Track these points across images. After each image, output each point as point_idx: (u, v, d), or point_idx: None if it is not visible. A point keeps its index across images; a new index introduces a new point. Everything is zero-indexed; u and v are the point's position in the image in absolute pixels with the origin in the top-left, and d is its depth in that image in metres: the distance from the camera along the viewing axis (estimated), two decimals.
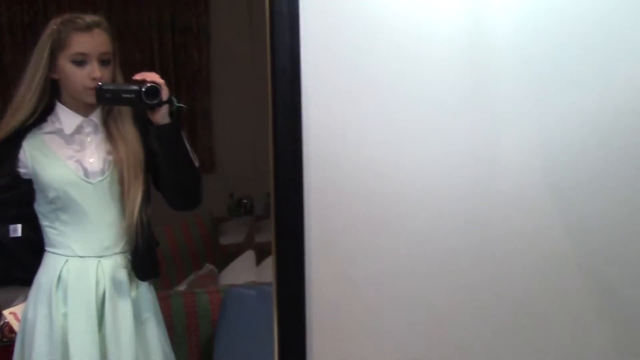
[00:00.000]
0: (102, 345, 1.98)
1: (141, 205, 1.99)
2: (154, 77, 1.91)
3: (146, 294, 2.07)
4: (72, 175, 1.97)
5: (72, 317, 1.97)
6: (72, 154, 1.99)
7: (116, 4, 4.94)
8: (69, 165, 1.98)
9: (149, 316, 2.07)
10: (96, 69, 1.93)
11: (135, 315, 2.02)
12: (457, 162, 1.52)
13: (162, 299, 2.24)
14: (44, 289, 2.00)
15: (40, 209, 2.02)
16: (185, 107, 2.00)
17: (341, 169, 1.50)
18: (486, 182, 1.54)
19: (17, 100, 1.97)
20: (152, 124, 1.95)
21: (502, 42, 1.50)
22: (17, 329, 2.09)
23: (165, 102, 1.91)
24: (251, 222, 4.75)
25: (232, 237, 4.58)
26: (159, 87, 1.89)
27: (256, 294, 2.71)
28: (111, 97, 1.91)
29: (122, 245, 2.03)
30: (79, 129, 2.01)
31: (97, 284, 1.99)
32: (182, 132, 2.00)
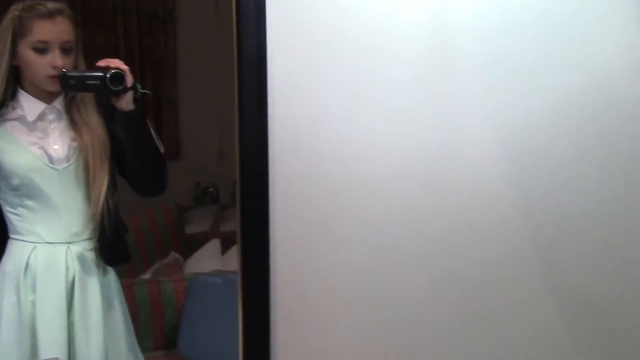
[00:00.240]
0: (70, 331, 1.97)
1: (107, 191, 1.98)
2: (118, 63, 1.89)
3: (114, 280, 2.07)
4: (36, 161, 1.95)
5: (41, 305, 1.95)
6: (36, 141, 1.97)
7: None
8: (33, 151, 1.96)
9: (116, 302, 2.07)
10: (58, 57, 1.91)
11: (103, 301, 2.02)
12: (420, 155, 1.54)
13: (127, 287, 2.23)
14: (10, 277, 1.98)
15: (3, 196, 1.99)
16: (149, 93, 1.99)
17: (307, 158, 1.50)
18: (448, 175, 1.56)
19: None
20: (116, 111, 1.93)
21: (464, 35, 1.52)
22: None
23: (129, 89, 1.90)
24: (217, 211, 4.74)
25: (197, 225, 4.56)
26: (123, 74, 1.88)
27: (221, 282, 2.71)
28: (75, 84, 1.90)
29: (90, 231, 2.02)
30: (42, 116, 1.98)
31: (66, 270, 1.98)
32: (147, 119, 1.99)
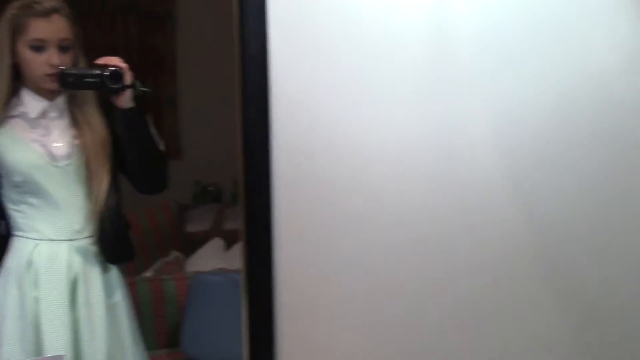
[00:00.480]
0: (74, 328, 1.98)
1: (108, 189, 1.99)
2: (116, 61, 1.90)
3: (116, 277, 2.08)
4: (38, 158, 1.96)
5: (44, 301, 1.96)
6: (37, 138, 1.98)
7: None
8: (34, 148, 1.96)
9: (119, 299, 2.07)
10: (54, 56, 1.91)
11: (106, 297, 2.03)
12: (422, 155, 1.55)
13: (129, 285, 2.23)
14: (14, 273, 1.98)
15: (6, 193, 1.99)
16: (149, 91, 1.99)
17: (310, 158, 1.51)
18: (450, 175, 1.56)
19: None
20: (116, 108, 1.94)
21: (464, 35, 1.52)
22: None
23: (128, 86, 1.91)
24: (218, 210, 4.73)
25: (198, 224, 4.55)
26: (121, 71, 1.89)
27: (223, 281, 2.71)
28: (74, 82, 1.91)
29: (92, 228, 2.02)
30: (44, 114, 1.99)
31: (68, 267, 1.98)
32: (148, 117, 1.99)
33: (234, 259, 3.33)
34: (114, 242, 2.04)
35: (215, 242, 3.79)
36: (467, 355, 1.62)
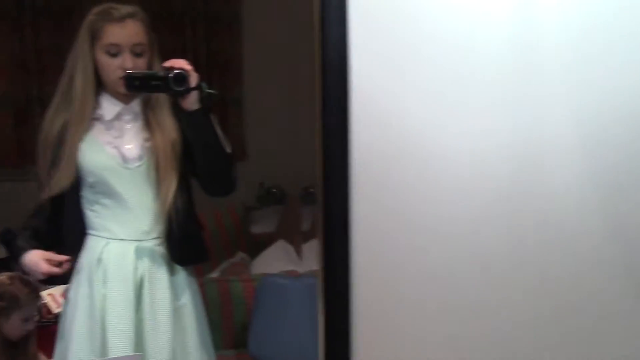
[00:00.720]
0: (139, 328, 2.00)
1: (175, 191, 2.00)
2: (182, 63, 1.92)
3: (184, 279, 2.08)
4: (109, 160, 2.00)
5: (111, 299, 2.00)
6: (111, 140, 2.02)
7: None
8: (108, 150, 2.01)
9: (186, 302, 2.08)
10: (128, 60, 1.95)
11: (172, 299, 2.04)
12: (503, 157, 1.52)
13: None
14: (85, 270, 2.03)
15: (83, 193, 2.04)
16: (215, 93, 1.99)
17: (389, 161, 1.50)
18: (531, 177, 1.53)
19: (77, 94, 1.98)
20: (182, 111, 1.96)
21: (549, 35, 1.48)
22: (55, 310, 2.12)
23: (193, 89, 1.91)
24: (285, 212, 4.73)
25: (263, 226, 4.57)
26: (186, 74, 1.90)
27: (292, 284, 2.70)
28: (139, 85, 1.94)
29: (160, 230, 2.04)
30: (118, 116, 2.03)
31: (135, 267, 2.01)
32: (214, 118, 2.00)
33: (300, 261, 3.33)
34: (182, 244, 2.05)
35: (280, 244, 3.80)
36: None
